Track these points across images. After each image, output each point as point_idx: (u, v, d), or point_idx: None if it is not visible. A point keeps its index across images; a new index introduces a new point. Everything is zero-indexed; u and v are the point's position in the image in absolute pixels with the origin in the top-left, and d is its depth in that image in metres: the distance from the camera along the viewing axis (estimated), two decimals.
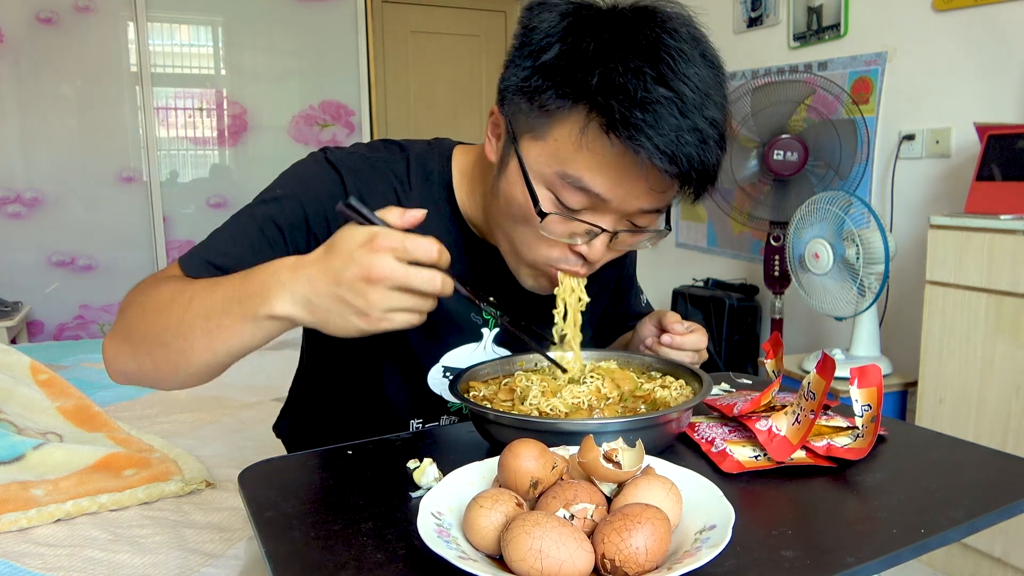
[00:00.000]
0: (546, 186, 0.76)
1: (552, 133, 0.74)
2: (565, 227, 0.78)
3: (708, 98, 0.71)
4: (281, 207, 0.84)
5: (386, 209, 0.67)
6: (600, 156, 0.72)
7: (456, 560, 0.51)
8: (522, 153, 0.77)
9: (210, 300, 0.70)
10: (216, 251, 0.82)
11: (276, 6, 3.86)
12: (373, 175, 0.88)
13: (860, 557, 0.56)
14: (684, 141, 0.69)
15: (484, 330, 0.97)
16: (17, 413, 1.57)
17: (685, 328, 0.93)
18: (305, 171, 0.88)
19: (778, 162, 2.45)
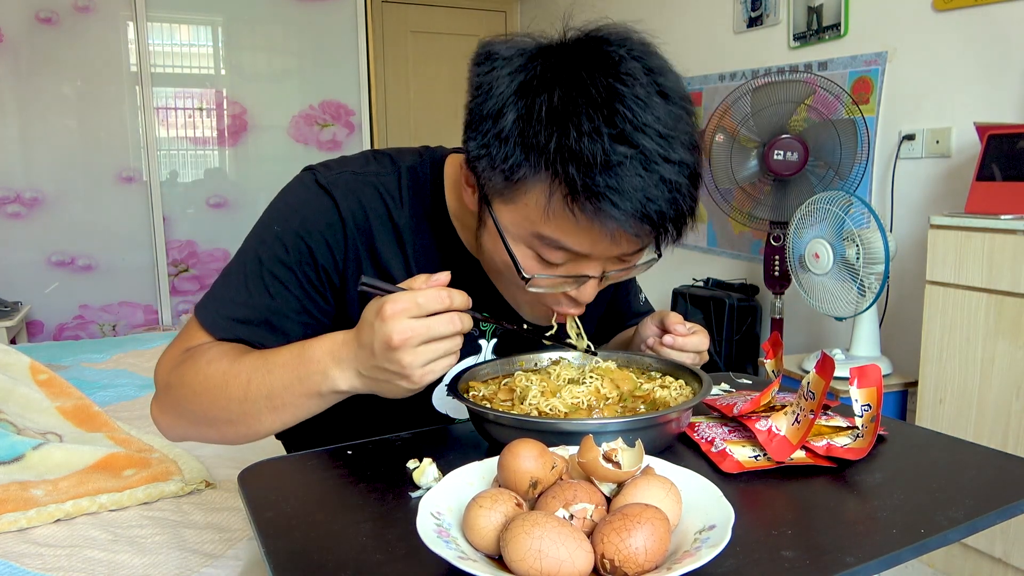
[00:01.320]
0: (525, 244, 0.76)
1: (521, 199, 0.73)
2: (551, 282, 0.77)
3: (673, 140, 0.69)
4: (284, 246, 0.84)
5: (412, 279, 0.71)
6: (571, 222, 0.71)
7: (456, 560, 0.51)
8: (496, 216, 0.76)
9: (269, 381, 0.75)
10: (235, 303, 0.83)
11: (276, 6, 3.86)
12: (365, 192, 0.86)
13: (860, 557, 0.56)
14: (652, 197, 0.68)
15: (482, 342, 0.96)
16: (17, 413, 1.57)
17: (687, 329, 0.93)
18: (297, 200, 0.86)
19: (778, 162, 2.45)
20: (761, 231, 2.76)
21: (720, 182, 2.63)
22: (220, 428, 0.79)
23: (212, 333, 0.83)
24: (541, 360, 0.95)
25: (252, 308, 0.83)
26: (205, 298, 0.85)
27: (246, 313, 0.82)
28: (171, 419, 0.83)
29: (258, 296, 0.83)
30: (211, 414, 0.79)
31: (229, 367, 0.77)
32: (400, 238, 0.87)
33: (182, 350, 0.83)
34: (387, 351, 0.67)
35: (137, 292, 3.75)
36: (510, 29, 4.68)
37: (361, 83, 4.04)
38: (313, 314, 0.85)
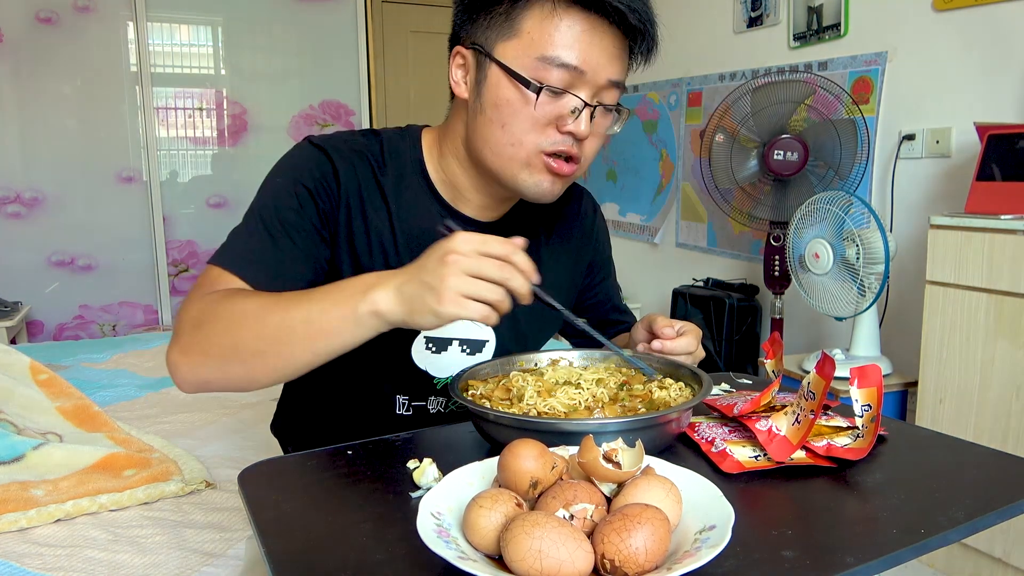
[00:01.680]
0: (528, 74, 0.86)
1: (523, 27, 0.86)
2: (553, 106, 0.87)
3: None
4: (286, 192, 0.92)
5: None
6: (569, 30, 0.85)
7: (456, 560, 0.51)
8: (499, 56, 0.88)
9: (308, 305, 0.77)
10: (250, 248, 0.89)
11: (276, 6, 3.86)
12: (353, 155, 0.96)
13: (860, 557, 0.56)
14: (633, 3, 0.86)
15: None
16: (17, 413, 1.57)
17: (675, 331, 0.94)
18: (295, 158, 0.96)
19: (778, 162, 2.45)
20: (761, 231, 2.76)
21: (720, 182, 2.63)
22: (249, 362, 0.79)
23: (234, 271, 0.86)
24: (541, 360, 0.95)
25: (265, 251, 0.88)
26: (218, 251, 0.89)
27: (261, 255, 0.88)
28: (195, 358, 0.81)
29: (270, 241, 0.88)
30: (243, 344, 0.78)
31: (267, 299, 0.80)
32: (384, 196, 0.97)
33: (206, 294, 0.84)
34: (436, 264, 0.70)
35: (137, 292, 3.75)
36: None
37: (361, 83, 4.04)
38: (318, 258, 0.92)
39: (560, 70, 0.86)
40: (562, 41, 0.85)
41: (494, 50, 0.88)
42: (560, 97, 0.87)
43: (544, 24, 0.85)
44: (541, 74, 0.86)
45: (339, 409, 1.03)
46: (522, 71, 0.86)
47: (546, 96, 0.86)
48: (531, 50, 0.86)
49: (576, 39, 0.85)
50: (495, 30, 0.88)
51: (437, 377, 1.01)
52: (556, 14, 0.85)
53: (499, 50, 0.88)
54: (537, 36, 0.86)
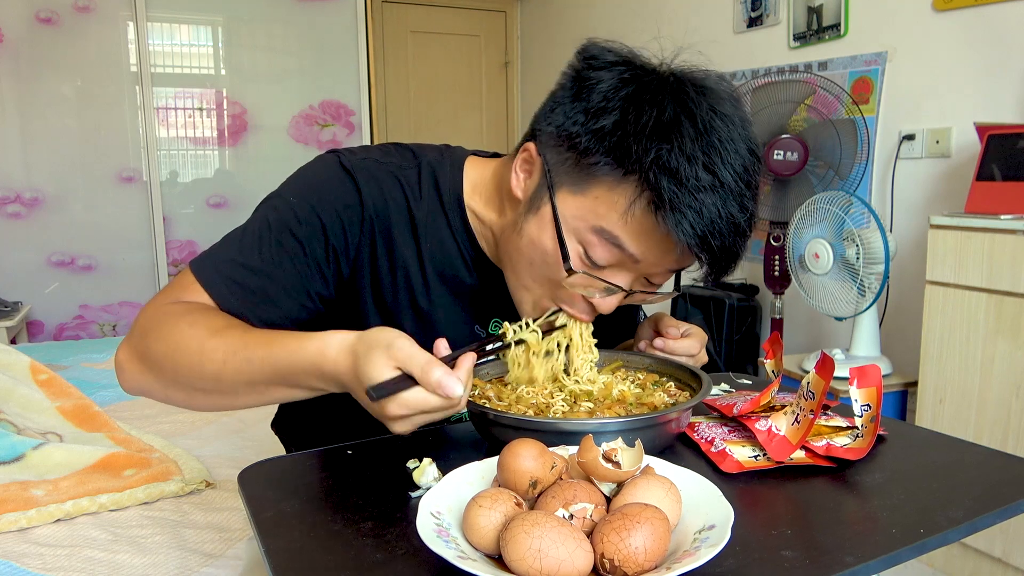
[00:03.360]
0: (576, 239, 0.78)
1: (593, 191, 0.76)
2: (586, 282, 0.79)
3: (748, 187, 0.75)
4: (296, 217, 0.82)
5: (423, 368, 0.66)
6: (641, 226, 0.74)
7: (455, 560, 0.51)
8: (557, 203, 0.78)
9: (250, 369, 0.72)
10: (235, 264, 0.80)
11: (276, 6, 3.86)
12: (386, 181, 0.86)
13: (860, 557, 0.56)
14: (720, 231, 0.73)
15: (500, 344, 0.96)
16: (17, 413, 1.57)
17: (679, 332, 0.93)
18: (317, 177, 0.86)
19: (778, 162, 2.45)
20: (761, 231, 2.76)
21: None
22: (190, 394, 0.76)
23: (206, 288, 0.79)
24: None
25: (251, 273, 0.80)
26: (203, 254, 0.82)
27: (243, 276, 0.80)
28: (137, 367, 0.77)
29: (259, 261, 0.80)
30: (184, 380, 0.75)
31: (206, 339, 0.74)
32: (416, 230, 0.87)
33: (171, 300, 0.79)
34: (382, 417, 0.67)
35: (137, 292, 3.75)
36: (510, 29, 4.68)
37: (361, 83, 4.04)
38: (311, 294, 0.83)
39: (613, 250, 0.76)
40: (629, 229, 0.75)
41: (557, 190, 0.78)
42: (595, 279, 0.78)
43: (616, 205, 0.74)
44: (590, 244, 0.77)
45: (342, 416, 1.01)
46: (570, 232, 0.77)
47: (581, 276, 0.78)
48: (592, 217, 0.76)
49: (643, 234, 0.75)
50: (569, 174, 0.77)
51: None
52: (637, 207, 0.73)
53: (561, 195, 0.77)
54: (603, 208, 0.75)
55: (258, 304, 0.80)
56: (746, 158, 0.74)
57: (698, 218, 0.72)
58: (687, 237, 0.72)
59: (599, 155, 0.74)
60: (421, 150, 0.92)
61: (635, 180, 0.73)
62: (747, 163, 0.75)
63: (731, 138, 0.74)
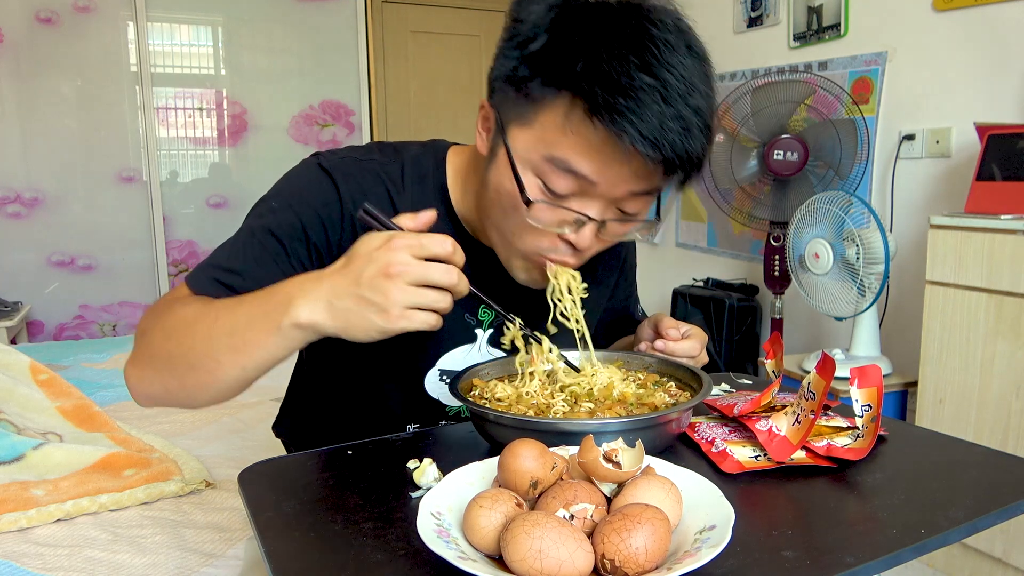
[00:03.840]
0: (534, 172, 0.77)
1: (538, 119, 0.75)
2: (552, 215, 0.78)
3: (693, 87, 0.72)
4: (277, 219, 0.84)
5: (399, 216, 0.72)
6: (585, 140, 0.73)
7: (456, 560, 0.51)
8: (509, 141, 0.78)
9: (234, 317, 0.72)
10: (221, 267, 0.83)
11: (276, 6, 3.86)
12: (367, 178, 0.88)
13: (860, 557, 0.56)
14: (667, 128, 0.70)
15: (478, 331, 0.96)
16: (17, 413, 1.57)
17: (680, 333, 0.93)
18: (298, 180, 0.88)
19: (778, 162, 2.45)
20: (761, 231, 2.76)
21: (720, 182, 2.63)
22: (182, 376, 0.75)
23: (194, 291, 0.82)
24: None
25: (237, 275, 0.82)
26: (197, 266, 0.85)
27: (230, 279, 0.82)
28: (139, 371, 0.78)
29: (244, 264, 0.82)
30: (175, 356, 0.75)
31: (201, 307, 0.76)
32: None
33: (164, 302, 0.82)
34: (378, 279, 0.66)
35: (137, 292, 3.75)
36: None
37: (361, 83, 4.04)
38: None
39: (567, 176, 0.75)
40: (575, 147, 0.73)
41: (508, 130, 0.78)
42: (560, 208, 0.77)
43: (558, 124, 0.73)
44: (548, 173, 0.75)
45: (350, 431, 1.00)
46: (526, 166, 0.77)
47: (544, 206, 0.77)
48: (541, 146, 0.75)
49: (590, 149, 0.73)
50: (515, 108, 0.77)
51: (449, 405, 0.99)
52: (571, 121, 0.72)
53: (512, 133, 0.78)
54: (549, 133, 0.74)
55: None
56: (687, 60, 0.72)
57: (640, 120, 0.69)
58: (631, 139, 0.70)
59: (535, 80, 0.74)
60: (403, 147, 0.94)
61: (568, 95, 0.72)
62: (689, 64, 0.72)
63: (667, 40, 0.71)
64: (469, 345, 0.96)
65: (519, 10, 0.77)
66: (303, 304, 0.68)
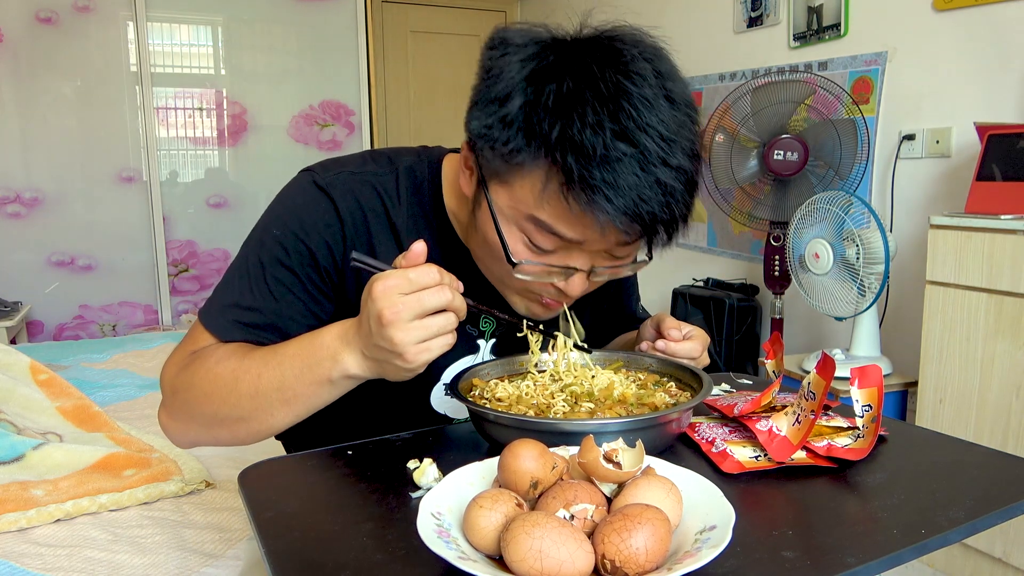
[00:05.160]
0: (517, 227, 0.76)
1: (518, 182, 0.74)
2: (538, 269, 0.78)
3: (674, 144, 0.70)
4: (284, 248, 0.84)
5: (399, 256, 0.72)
6: (564, 210, 0.71)
7: (456, 560, 0.51)
8: (491, 196, 0.77)
9: (280, 372, 0.75)
10: (239, 306, 0.83)
11: (276, 6, 3.86)
12: (363, 192, 0.87)
13: (861, 557, 0.56)
14: (645, 198, 0.69)
15: (480, 342, 0.96)
16: (17, 413, 1.57)
17: (682, 334, 0.93)
18: (295, 202, 0.87)
19: (778, 162, 2.45)
20: (761, 231, 2.76)
21: (720, 182, 2.63)
22: (232, 427, 0.79)
23: (218, 336, 0.83)
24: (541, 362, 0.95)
25: (258, 312, 0.82)
26: (208, 303, 0.85)
27: (252, 317, 0.82)
28: (182, 424, 0.82)
29: (263, 300, 0.83)
30: (222, 413, 0.78)
31: (239, 364, 0.77)
32: (397, 237, 0.88)
33: (187, 353, 0.83)
34: (380, 328, 0.67)
35: (137, 292, 3.75)
36: None
37: (361, 83, 4.04)
38: (318, 315, 0.85)
39: (551, 238, 0.74)
40: (555, 214, 0.72)
41: (489, 184, 0.77)
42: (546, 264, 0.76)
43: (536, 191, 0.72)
44: (530, 232, 0.75)
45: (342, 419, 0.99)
46: (510, 222, 0.76)
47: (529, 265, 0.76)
48: (522, 206, 0.74)
49: (569, 218, 0.72)
50: (491, 163, 0.76)
51: (455, 419, 0.98)
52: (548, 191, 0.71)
53: (493, 188, 0.77)
54: (529, 199, 0.73)
55: (273, 339, 0.82)
56: (667, 114, 0.70)
57: (616, 195, 0.68)
58: (608, 216, 0.68)
59: (512, 143, 0.72)
60: (398, 155, 0.92)
61: (545, 162, 0.71)
62: (669, 119, 0.70)
63: (644, 97, 0.69)
64: (472, 356, 0.95)
65: (492, 61, 0.75)
66: (348, 357, 0.72)
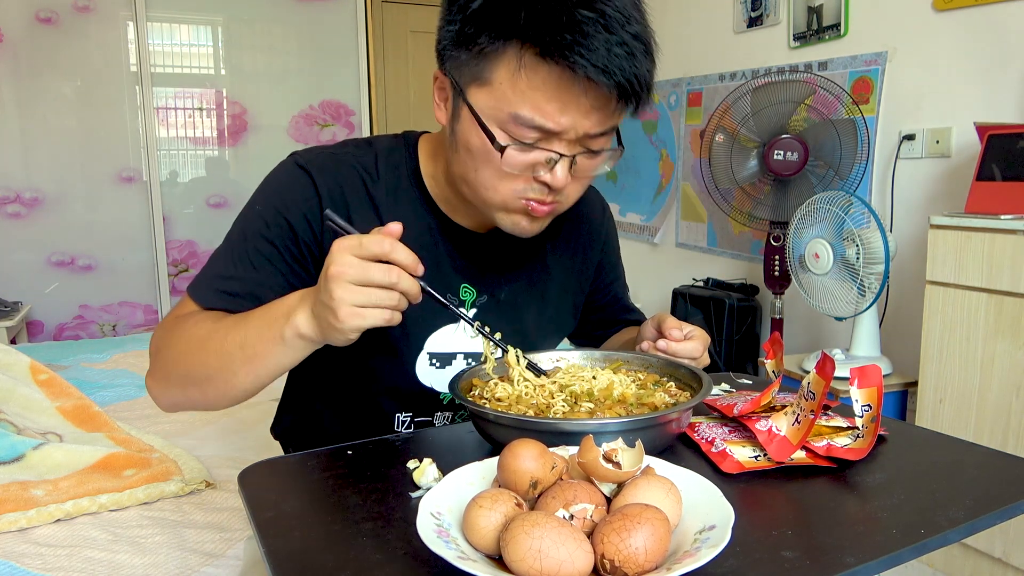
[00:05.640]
0: (499, 126, 0.80)
1: (494, 76, 0.78)
2: (524, 158, 0.81)
3: (629, 16, 0.76)
4: (265, 221, 0.89)
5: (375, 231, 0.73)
6: (541, 86, 0.76)
7: (456, 560, 0.51)
8: (471, 100, 0.81)
9: (244, 331, 0.79)
10: (221, 276, 0.88)
11: (276, 6, 3.86)
12: (341, 169, 0.92)
13: (860, 557, 0.56)
14: (615, 54, 0.74)
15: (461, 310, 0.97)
16: (17, 413, 1.57)
17: (683, 334, 0.93)
18: (277, 180, 0.93)
19: (778, 162, 2.45)
20: (761, 231, 2.76)
21: (720, 182, 2.63)
22: (202, 387, 0.83)
23: (200, 303, 0.87)
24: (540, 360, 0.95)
25: (239, 281, 0.87)
26: (196, 277, 0.90)
27: (232, 286, 0.87)
28: (161, 386, 0.86)
29: (243, 270, 0.88)
30: (193, 372, 0.82)
31: (212, 326, 0.82)
32: (377, 210, 0.93)
33: (173, 318, 0.88)
34: (325, 281, 0.70)
35: (137, 292, 3.75)
36: None
37: (361, 83, 4.04)
38: (296, 286, 0.88)
39: (530, 129, 0.79)
40: (535, 101, 0.77)
41: (467, 91, 0.81)
42: (532, 149, 0.80)
43: (515, 78, 0.77)
44: (513, 128, 0.79)
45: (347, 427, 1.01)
46: (492, 122, 0.80)
47: (515, 150, 0.80)
48: (503, 104, 0.78)
49: (549, 99, 0.77)
50: (469, 69, 0.80)
51: (444, 392, 0.99)
52: (526, 67, 0.76)
53: (471, 93, 0.81)
54: (508, 91, 0.78)
55: (249, 301, 0.86)
56: None
57: (588, 50, 0.73)
58: (584, 69, 0.73)
59: (482, 36, 0.77)
60: (376, 139, 0.98)
61: (517, 44, 0.76)
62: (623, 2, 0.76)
63: None
64: (454, 325, 0.98)
65: None
66: (300, 314, 0.75)
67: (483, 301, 0.99)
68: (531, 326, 1.03)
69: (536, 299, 1.04)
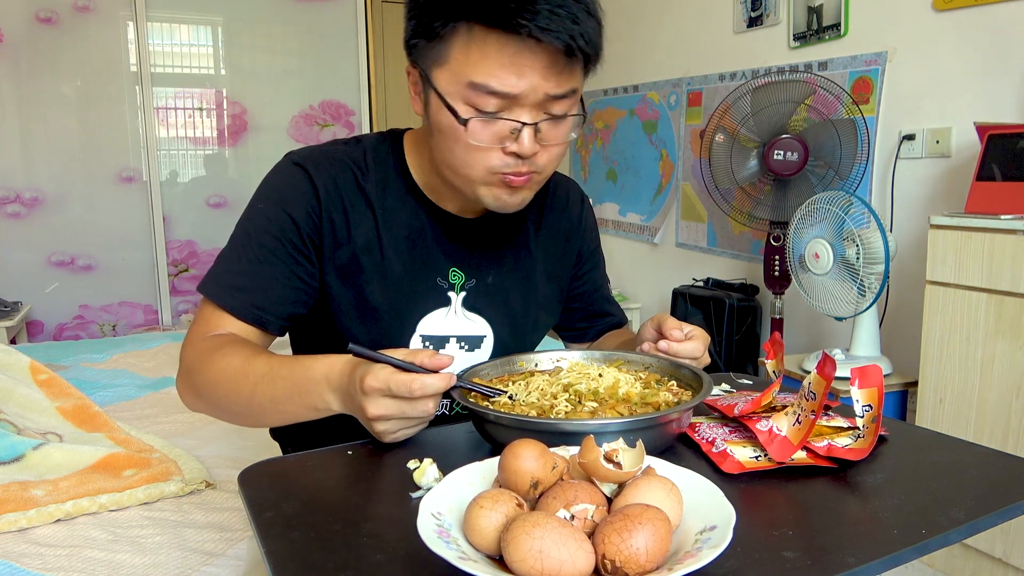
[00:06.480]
0: (462, 101, 0.84)
1: (451, 54, 0.83)
2: (489, 129, 0.85)
3: None
4: (267, 218, 0.95)
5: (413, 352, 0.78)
6: (492, 53, 0.81)
7: (456, 560, 0.51)
8: (434, 82, 0.86)
9: (272, 390, 0.85)
10: (232, 273, 0.95)
11: (276, 6, 3.86)
12: (335, 165, 0.98)
13: (861, 558, 0.56)
14: (556, 15, 0.78)
15: (451, 294, 1.02)
16: (17, 413, 1.56)
17: (683, 335, 0.94)
18: (276, 179, 0.99)
19: (778, 162, 2.45)
20: (761, 231, 2.76)
21: (720, 182, 2.63)
22: (232, 416, 0.92)
23: (217, 303, 0.93)
24: (540, 361, 0.95)
25: (247, 275, 0.94)
26: (206, 276, 0.96)
27: (240, 281, 0.94)
28: (191, 398, 0.94)
29: (249, 264, 0.94)
30: (224, 404, 0.90)
31: (240, 367, 0.87)
32: (369, 201, 0.98)
33: (203, 335, 0.94)
34: (365, 419, 0.78)
35: (137, 292, 3.75)
36: None
37: (361, 83, 4.04)
38: (302, 278, 0.95)
39: (490, 97, 0.82)
40: (488, 68, 0.81)
41: (431, 75, 0.86)
42: (496, 121, 0.84)
43: (468, 51, 0.82)
44: (474, 99, 0.83)
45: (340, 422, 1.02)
46: (455, 98, 0.84)
47: (479, 123, 0.84)
48: (460, 77, 0.83)
49: (502, 65, 0.81)
50: (430, 54, 0.86)
51: None
52: (476, 40, 0.81)
53: (434, 75, 0.86)
54: (463, 64, 0.82)
55: (259, 294, 0.93)
56: None
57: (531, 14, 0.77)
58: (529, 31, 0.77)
59: (436, 22, 0.82)
60: (363, 136, 1.04)
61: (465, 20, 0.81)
62: None
63: None
64: (445, 308, 1.01)
65: None
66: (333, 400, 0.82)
67: (472, 285, 1.02)
68: (518, 309, 1.07)
69: (522, 282, 1.07)
